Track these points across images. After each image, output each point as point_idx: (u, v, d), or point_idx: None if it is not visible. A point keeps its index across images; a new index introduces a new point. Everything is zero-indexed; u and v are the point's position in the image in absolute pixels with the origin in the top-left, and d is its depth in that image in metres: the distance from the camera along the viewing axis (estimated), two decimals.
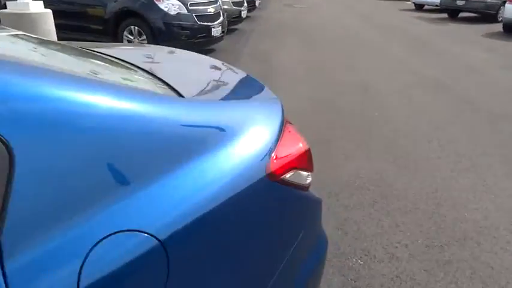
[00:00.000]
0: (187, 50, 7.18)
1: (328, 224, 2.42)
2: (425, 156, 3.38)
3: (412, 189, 2.86)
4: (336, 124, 4.07)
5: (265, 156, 0.99)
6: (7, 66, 0.75)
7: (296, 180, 1.09)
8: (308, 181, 1.16)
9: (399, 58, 7.39)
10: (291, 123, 1.21)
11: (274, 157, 1.01)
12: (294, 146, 1.11)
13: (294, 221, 1.14)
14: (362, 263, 2.11)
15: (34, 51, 1.16)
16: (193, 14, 6.43)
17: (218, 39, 7.19)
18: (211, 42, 7.13)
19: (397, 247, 2.24)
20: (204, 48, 7.18)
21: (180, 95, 1.02)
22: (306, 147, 1.15)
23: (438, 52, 8.00)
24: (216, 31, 6.89)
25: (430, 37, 9.81)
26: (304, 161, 1.13)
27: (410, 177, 3.02)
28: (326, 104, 4.69)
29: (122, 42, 6.44)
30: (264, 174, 0.97)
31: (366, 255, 2.18)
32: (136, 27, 6.35)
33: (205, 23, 6.62)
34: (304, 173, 1.14)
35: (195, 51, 1.87)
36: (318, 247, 1.35)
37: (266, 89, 1.31)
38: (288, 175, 1.05)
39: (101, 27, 6.48)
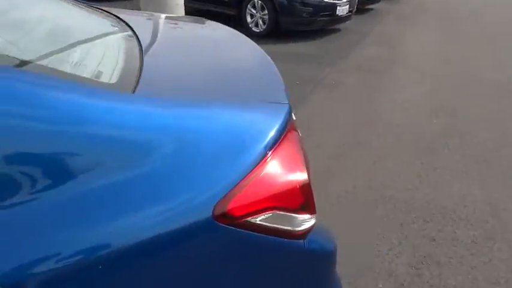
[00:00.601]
0: (311, 28, 6.70)
1: (401, 257, 1.96)
2: None
3: None
4: (452, 134, 3.32)
5: (220, 188, 0.70)
6: None
7: (276, 225, 0.77)
8: (304, 227, 0.82)
9: None
10: (299, 133, 0.87)
11: (238, 190, 0.71)
12: (284, 176, 0.77)
13: (272, 279, 0.83)
14: None
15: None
16: None
17: (344, 18, 6.65)
18: (335, 22, 6.63)
19: None
20: (327, 27, 6.72)
21: (135, 88, 0.78)
22: (304, 178, 0.80)
23: None
24: (342, 10, 6.35)
25: None
26: (296, 198, 0.79)
27: None
28: (447, 109, 3.86)
29: (245, 15, 6.43)
30: (210, 214, 0.68)
31: None
32: (259, 1, 6.26)
33: (331, 1, 6.15)
34: (297, 216, 0.81)
35: (319, 30, 1.49)
36: None
37: (282, 91, 0.96)
38: (260, 217, 0.74)
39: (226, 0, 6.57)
